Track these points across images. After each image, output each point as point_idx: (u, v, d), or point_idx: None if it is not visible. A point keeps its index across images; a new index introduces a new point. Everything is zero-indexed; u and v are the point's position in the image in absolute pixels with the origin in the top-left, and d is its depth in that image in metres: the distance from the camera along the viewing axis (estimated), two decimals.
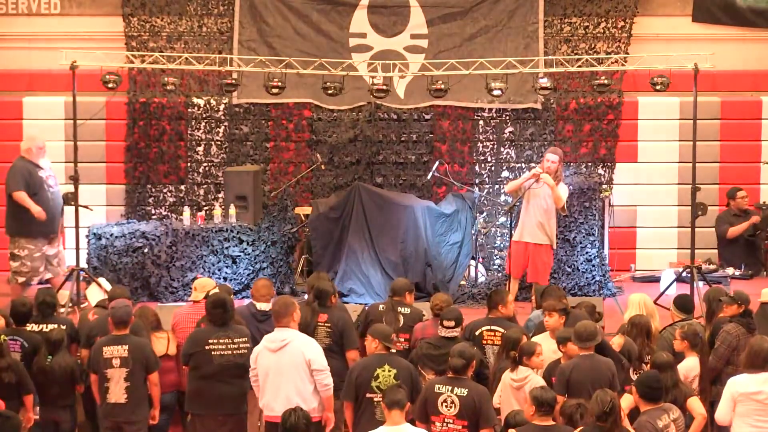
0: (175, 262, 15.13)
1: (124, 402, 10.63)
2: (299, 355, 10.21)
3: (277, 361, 10.21)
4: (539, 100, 16.63)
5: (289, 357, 10.21)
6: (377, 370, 9.90)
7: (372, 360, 10.01)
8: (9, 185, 14.60)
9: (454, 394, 9.53)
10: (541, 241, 14.34)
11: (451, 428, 9.48)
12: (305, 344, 10.27)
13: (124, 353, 10.60)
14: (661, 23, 17.00)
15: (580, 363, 9.98)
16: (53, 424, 11.17)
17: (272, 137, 16.86)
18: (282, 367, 10.18)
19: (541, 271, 14.38)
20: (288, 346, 10.23)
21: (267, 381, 10.26)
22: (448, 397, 9.54)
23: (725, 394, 9.95)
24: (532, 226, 14.30)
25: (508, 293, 11.83)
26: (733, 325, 11.06)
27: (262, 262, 15.39)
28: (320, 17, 16.81)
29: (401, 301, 11.65)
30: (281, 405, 9.94)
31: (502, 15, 16.80)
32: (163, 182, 16.83)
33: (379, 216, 15.37)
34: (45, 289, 11.97)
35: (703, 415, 9.83)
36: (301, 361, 10.17)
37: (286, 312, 10.35)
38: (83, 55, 14.98)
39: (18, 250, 14.56)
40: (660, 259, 16.64)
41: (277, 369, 10.19)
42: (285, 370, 10.18)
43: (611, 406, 8.70)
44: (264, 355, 10.29)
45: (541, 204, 14.27)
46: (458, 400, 9.47)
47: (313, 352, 10.24)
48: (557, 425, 9.04)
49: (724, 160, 16.90)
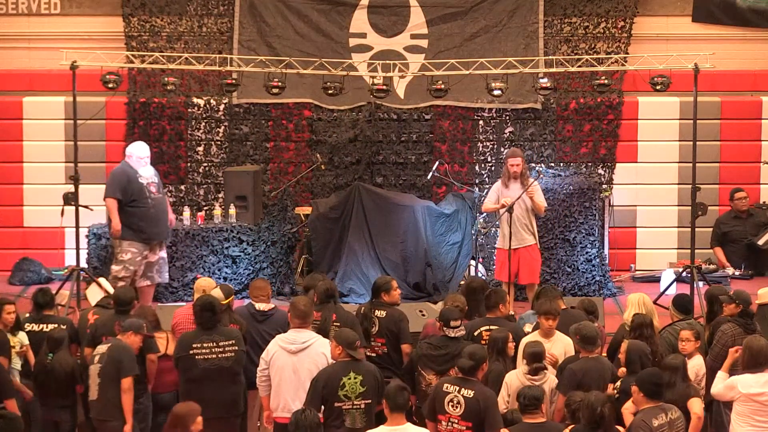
0: (175, 262, 15.13)
1: (95, 399, 10.62)
2: (321, 356, 10.21)
3: (296, 362, 10.22)
4: (539, 100, 16.63)
5: (310, 358, 10.22)
6: (343, 378, 9.79)
7: (337, 368, 9.90)
8: (105, 189, 14.50)
9: (461, 394, 9.52)
10: (527, 243, 14.34)
11: (455, 428, 9.48)
12: (326, 346, 10.28)
13: (103, 350, 10.61)
14: (661, 23, 17.00)
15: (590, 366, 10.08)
16: (53, 425, 11.17)
17: (272, 137, 16.86)
18: (302, 368, 10.20)
19: (535, 271, 14.40)
20: (309, 348, 10.24)
21: (284, 382, 10.26)
22: (455, 397, 9.53)
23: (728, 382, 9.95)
24: (517, 230, 14.27)
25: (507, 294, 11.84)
26: (730, 325, 11.07)
27: (262, 262, 15.39)
28: (320, 17, 16.81)
29: (380, 302, 11.57)
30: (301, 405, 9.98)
31: (502, 15, 16.80)
32: (163, 182, 16.80)
33: (379, 216, 15.37)
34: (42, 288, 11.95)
35: (697, 416, 9.83)
36: (323, 363, 10.17)
37: (310, 313, 10.40)
38: (83, 55, 14.99)
39: (122, 254, 14.32)
40: (660, 259, 16.64)
41: (297, 370, 10.20)
42: (305, 371, 10.18)
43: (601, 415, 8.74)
44: (281, 356, 10.27)
45: (521, 206, 14.24)
46: (464, 401, 9.46)
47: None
48: (548, 422, 9.07)
49: (724, 160, 16.90)
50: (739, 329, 11.01)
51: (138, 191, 14.30)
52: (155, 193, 14.44)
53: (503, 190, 14.38)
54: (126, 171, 14.40)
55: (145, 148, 14.56)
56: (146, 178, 14.40)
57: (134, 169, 14.38)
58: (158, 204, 14.44)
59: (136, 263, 14.31)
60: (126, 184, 14.30)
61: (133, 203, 14.29)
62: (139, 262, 14.33)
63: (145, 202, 14.30)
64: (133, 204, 14.28)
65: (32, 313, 11.68)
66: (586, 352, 10.21)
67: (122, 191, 14.28)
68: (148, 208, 14.31)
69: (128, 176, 14.34)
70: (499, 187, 14.48)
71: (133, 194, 14.29)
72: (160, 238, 14.51)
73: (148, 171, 14.48)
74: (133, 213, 14.27)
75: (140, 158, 14.42)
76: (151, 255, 14.44)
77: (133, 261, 14.30)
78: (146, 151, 14.54)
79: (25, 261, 16.16)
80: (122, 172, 14.42)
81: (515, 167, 14.31)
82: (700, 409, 9.89)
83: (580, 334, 10.22)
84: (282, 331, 10.67)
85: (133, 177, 14.32)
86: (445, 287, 14.99)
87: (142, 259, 14.36)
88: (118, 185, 14.32)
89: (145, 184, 14.35)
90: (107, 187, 14.49)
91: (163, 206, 14.52)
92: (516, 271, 14.27)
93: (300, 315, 10.36)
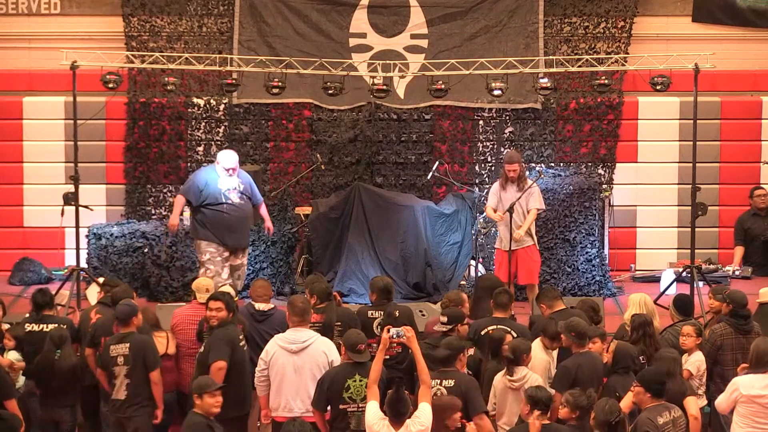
0: (175, 262, 15.13)
1: (123, 398, 10.66)
2: (322, 355, 10.24)
3: (297, 361, 10.24)
4: (539, 100, 16.62)
5: (310, 358, 10.24)
6: (348, 380, 9.81)
7: (342, 370, 9.92)
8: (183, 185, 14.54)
9: (442, 386, 9.60)
10: (526, 244, 14.33)
11: None
12: (327, 345, 10.32)
13: (125, 351, 10.64)
14: (661, 23, 17.00)
15: (582, 361, 10.09)
16: (53, 424, 11.18)
17: (272, 137, 16.86)
18: (304, 367, 10.22)
19: (533, 272, 14.39)
20: (310, 347, 10.25)
21: (285, 382, 10.27)
22: (438, 389, 9.58)
23: (728, 388, 9.98)
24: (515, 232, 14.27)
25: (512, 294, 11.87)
26: (720, 325, 11.16)
27: (262, 262, 15.39)
28: (320, 17, 16.81)
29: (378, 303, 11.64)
30: (303, 405, 10.01)
31: (502, 15, 16.80)
32: (163, 182, 16.82)
33: (379, 216, 15.37)
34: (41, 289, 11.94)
35: (694, 416, 9.85)
36: (324, 362, 10.20)
37: (308, 310, 10.41)
38: (83, 55, 14.99)
39: (201, 255, 14.24)
40: (660, 259, 16.63)
41: (298, 369, 10.22)
42: (305, 371, 10.21)
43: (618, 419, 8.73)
44: (281, 356, 10.28)
45: (518, 210, 14.22)
46: (446, 392, 9.49)
47: (336, 353, 10.29)
48: (552, 424, 9.06)
49: (724, 160, 16.90)
50: (729, 329, 11.06)
51: (213, 195, 14.13)
52: (235, 201, 14.16)
53: (502, 193, 14.37)
54: (207, 175, 14.30)
55: (229, 160, 14.19)
56: (228, 184, 14.15)
57: (218, 174, 14.19)
58: (236, 211, 14.16)
59: (217, 263, 14.16)
60: (203, 186, 14.15)
61: (208, 206, 14.18)
62: (219, 263, 14.16)
63: (220, 207, 14.15)
64: (207, 206, 14.18)
65: (32, 314, 11.68)
66: (577, 348, 10.23)
67: (194, 192, 14.17)
68: (222, 213, 14.16)
69: (207, 179, 14.21)
70: (498, 189, 14.46)
71: (208, 198, 14.13)
72: (234, 243, 14.24)
73: (231, 181, 14.16)
74: (207, 215, 14.19)
75: (225, 169, 14.17)
76: (233, 259, 14.27)
77: (213, 261, 14.17)
78: (231, 163, 14.17)
79: (25, 261, 16.15)
80: (204, 174, 14.34)
81: (512, 173, 14.30)
82: (696, 409, 9.91)
83: (574, 331, 10.23)
84: (281, 331, 10.67)
85: (213, 180, 14.15)
86: (445, 287, 14.98)
87: (223, 261, 14.19)
88: (190, 185, 14.27)
89: (223, 190, 14.13)
90: (184, 183, 14.57)
91: (244, 214, 14.24)
92: (515, 272, 14.28)
93: (298, 312, 10.36)
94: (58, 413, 11.16)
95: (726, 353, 10.96)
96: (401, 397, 9.12)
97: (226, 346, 10.56)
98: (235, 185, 14.22)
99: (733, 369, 10.62)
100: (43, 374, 11.07)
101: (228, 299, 10.87)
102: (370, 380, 9.43)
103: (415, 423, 9.10)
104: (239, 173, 14.30)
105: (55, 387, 11.07)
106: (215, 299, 10.84)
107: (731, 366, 10.78)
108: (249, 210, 14.39)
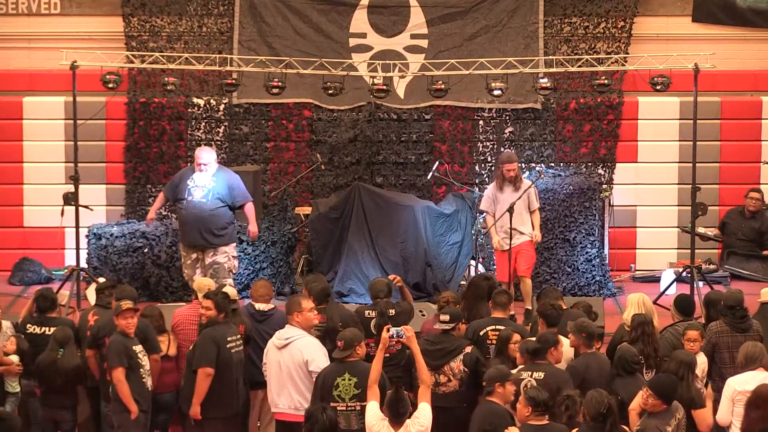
0: (175, 262, 15.11)
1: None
2: (298, 354, 10.27)
3: (281, 358, 10.30)
4: (539, 100, 16.62)
5: (290, 355, 10.30)
6: (337, 379, 9.80)
7: (333, 368, 9.93)
8: None
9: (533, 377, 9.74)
10: (523, 240, 14.33)
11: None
12: (306, 344, 10.31)
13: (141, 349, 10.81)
14: (661, 23, 17.00)
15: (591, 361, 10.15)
16: (53, 424, 11.18)
17: (272, 137, 16.86)
18: (284, 364, 10.28)
19: (530, 264, 14.41)
20: (291, 344, 10.29)
21: (271, 377, 10.40)
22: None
23: (725, 395, 9.99)
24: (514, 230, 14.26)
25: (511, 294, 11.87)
26: (716, 323, 11.18)
27: (262, 262, 15.39)
28: (320, 17, 16.81)
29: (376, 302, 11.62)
30: (285, 402, 10.07)
31: (502, 15, 16.80)
32: (163, 182, 16.75)
33: (379, 216, 15.37)
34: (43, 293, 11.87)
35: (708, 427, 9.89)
36: (300, 360, 10.23)
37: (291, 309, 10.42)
38: (83, 55, 15.00)
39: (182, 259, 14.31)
40: (660, 259, 16.64)
41: (282, 366, 10.28)
42: (285, 368, 10.26)
43: (608, 407, 8.72)
44: (272, 351, 10.42)
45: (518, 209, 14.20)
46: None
47: (313, 352, 10.26)
48: (552, 424, 9.07)
49: (724, 160, 16.90)
50: (725, 327, 11.08)
51: (180, 191, 14.08)
52: (196, 198, 13.95)
53: (498, 194, 14.36)
54: (184, 171, 14.33)
55: (201, 155, 14.07)
56: (196, 181, 14.01)
57: (193, 171, 14.14)
58: (193, 208, 13.95)
59: (188, 266, 14.14)
60: (178, 182, 14.16)
61: (175, 203, 14.25)
62: (190, 265, 14.12)
63: (180, 203, 14.11)
64: (175, 203, 14.24)
65: (34, 316, 11.66)
66: (586, 348, 10.27)
67: (170, 188, 14.22)
68: (180, 210, 14.14)
69: (182, 175, 14.23)
70: (494, 191, 14.44)
71: (178, 195, 14.14)
72: (189, 242, 14.08)
73: (202, 178, 13.97)
74: (177, 212, 14.23)
75: (198, 164, 14.08)
76: (206, 257, 14.09)
77: (185, 264, 14.19)
78: (201, 158, 14.01)
79: (25, 261, 16.16)
80: (183, 171, 14.38)
81: (511, 172, 14.30)
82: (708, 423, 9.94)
83: (586, 332, 10.30)
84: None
85: (186, 177, 14.11)
86: (445, 287, 14.95)
87: (193, 262, 14.13)
88: (170, 181, 14.34)
89: (189, 186, 14.02)
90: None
91: (201, 212, 13.91)
92: (515, 267, 14.29)
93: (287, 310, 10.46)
94: (59, 413, 11.15)
95: (723, 351, 10.97)
96: (401, 398, 9.11)
97: (212, 349, 10.56)
98: (205, 183, 14.01)
99: (731, 367, 10.63)
100: (45, 373, 11.06)
101: (219, 299, 10.85)
102: (371, 380, 9.43)
103: (414, 423, 9.10)
104: (218, 172, 14.11)
105: (57, 386, 11.07)
106: (206, 298, 10.91)
107: (729, 364, 10.79)
108: (211, 209, 13.98)
